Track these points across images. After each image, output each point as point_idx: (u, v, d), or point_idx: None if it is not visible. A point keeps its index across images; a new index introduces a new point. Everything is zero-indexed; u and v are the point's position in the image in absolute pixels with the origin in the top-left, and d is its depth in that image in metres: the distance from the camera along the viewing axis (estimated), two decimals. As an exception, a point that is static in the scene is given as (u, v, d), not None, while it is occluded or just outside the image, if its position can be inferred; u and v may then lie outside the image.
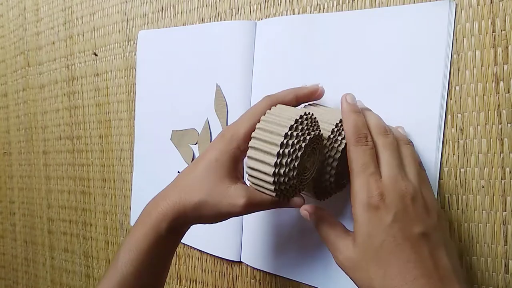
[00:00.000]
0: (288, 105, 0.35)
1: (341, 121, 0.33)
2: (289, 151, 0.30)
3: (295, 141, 0.30)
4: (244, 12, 0.46)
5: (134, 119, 0.57)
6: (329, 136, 0.33)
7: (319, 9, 0.41)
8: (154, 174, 0.55)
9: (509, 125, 0.32)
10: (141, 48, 0.56)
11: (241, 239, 0.46)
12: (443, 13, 0.34)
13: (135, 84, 0.57)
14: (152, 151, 0.55)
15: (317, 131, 0.32)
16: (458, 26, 0.33)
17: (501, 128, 0.32)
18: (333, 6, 0.40)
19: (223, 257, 0.48)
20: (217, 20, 0.49)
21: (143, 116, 0.56)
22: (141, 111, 0.56)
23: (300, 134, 0.30)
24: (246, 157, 0.32)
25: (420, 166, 0.32)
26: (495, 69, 0.32)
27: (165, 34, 0.53)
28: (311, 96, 0.37)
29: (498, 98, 0.32)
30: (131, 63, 0.58)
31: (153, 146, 0.55)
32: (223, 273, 0.49)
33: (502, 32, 0.32)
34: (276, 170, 0.30)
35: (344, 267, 0.30)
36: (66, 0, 0.66)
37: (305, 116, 0.31)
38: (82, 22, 0.64)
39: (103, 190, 0.63)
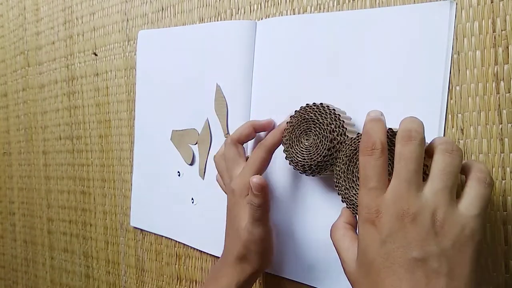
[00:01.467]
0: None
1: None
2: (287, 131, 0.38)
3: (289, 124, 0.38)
4: (244, 12, 0.46)
5: (134, 119, 0.57)
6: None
7: (319, 9, 0.41)
8: (154, 174, 0.55)
9: (509, 125, 0.32)
10: (141, 48, 0.56)
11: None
12: (443, 13, 0.34)
13: (135, 84, 0.57)
14: (152, 151, 0.55)
15: (312, 115, 0.36)
16: (458, 26, 0.33)
17: (501, 128, 0.32)
18: (333, 6, 0.40)
19: (223, 257, 0.48)
20: (217, 20, 0.49)
21: (143, 116, 0.56)
22: (141, 111, 0.56)
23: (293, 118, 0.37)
24: None
25: (466, 182, 0.27)
26: (495, 69, 0.32)
27: (165, 34, 0.53)
28: (266, 128, 0.42)
29: (499, 98, 0.32)
30: (131, 63, 0.58)
31: (153, 146, 0.55)
32: (223, 273, 0.49)
33: (503, 32, 0.32)
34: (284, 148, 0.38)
35: (349, 280, 0.30)
36: (66, 0, 0.66)
37: (305, 106, 0.37)
38: (82, 22, 0.64)
39: (103, 190, 0.63)
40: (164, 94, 0.53)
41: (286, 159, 0.38)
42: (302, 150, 0.36)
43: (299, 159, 0.36)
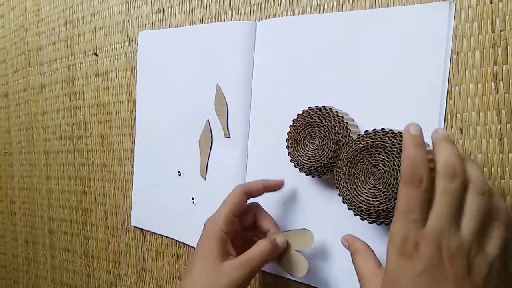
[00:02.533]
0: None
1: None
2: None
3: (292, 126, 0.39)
4: (244, 13, 0.47)
5: (134, 119, 0.58)
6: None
7: (319, 10, 0.41)
8: (155, 174, 0.55)
9: (508, 125, 0.32)
10: (141, 48, 0.56)
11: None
12: (442, 13, 0.34)
13: (136, 84, 0.57)
14: (153, 151, 0.55)
15: (316, 118, 0.36)
16: (457, 26, 0.34)
17: (500, 128, 0.32)
18: (333, 6, 0.40)
19: (223, 256, 0.48)
20: (218, 21, 0.49)
21: (143, 116, 0.56)
22: (142, 111, 0.56)
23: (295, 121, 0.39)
24: None
25: (490, 222, 0.28)
26: (494, 69, 0.32)
27: (165, 34, 0.53)
28: (276, 187, 0.41)
29: (498, 98, 0.32)
30: (131, 64, 0.58)
31: (153, 146, 0.55)
32: (223, 273, 0.49)
33: (502, 32, 0.32)
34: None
35: None
36: (67, 0, 0.66)
37: (309, 110, 0.37)
38: (83, 23, 0.64)
39: (104, 190, 0.63)
40: (165, 94, 0.53)
41: (291, 162, 0.38)
42: (308, 153, 0.37)
43: (305, 161, 0.37)
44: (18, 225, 0.80)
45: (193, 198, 0.50)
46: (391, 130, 0.31)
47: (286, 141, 0.39)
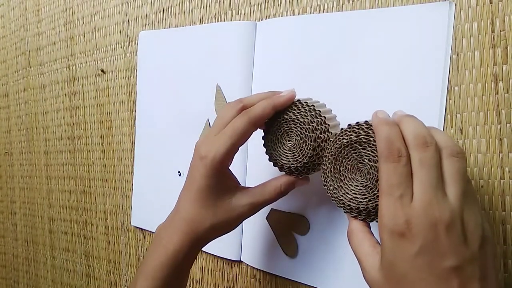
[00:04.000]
0: (266, 117, 0.35)
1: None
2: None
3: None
4: (245, 13, 0.47)
5: (135, 119, 0.58)
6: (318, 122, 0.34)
7: (319, 10, 0.41)
8: (155, 174, 0.55)
9: (508, 125, 0.32)
10: (142, 48, 0.56)
11: (241, 239, 0.46)
12: (442, 13, 0.34)
13: (136, 84, 0.57)
14: (153, 151, 0.55)
15: (291, 115, 0.34)
16: (457, 26, 0.34)
17: (500, 128, 0.32)
18: (333, 6, 0.40)
19: (223, 256, 0.48)
20: (218, 21, 0.49)
21: (143, 116, 0.56)
22: (142, 111, 0.56)
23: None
24: None
25: (468, 184, 0.27)
26: (494, 69, 0.32)
27: (166, 34, 0.53)
28: (288, 102, 0.35)
29: (497, 98, 0.32)
30: (132, 64, 0.58)
31: (153, 146, 0.55)
32: (223, 273, 0.49)
33: (501, 32, 0.32)
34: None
35: (369, 285, 0.29)
36: (67, 0, 0.66)
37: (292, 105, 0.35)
38: (83, 23, 0.64)
39: (104, 190, 0.63)
40: (165, 94, 0.53)
41: (270, 161, 0.37)
42: (286, 152, 0.35)
43: (284, 161, 0.35)
44: (18, 225, 0.81)
45: (193, 198, 0.50)
46: (366, 121, 0.30)
47: (262, 138, 0.37)
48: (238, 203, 0.36)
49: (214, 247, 0.49)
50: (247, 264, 0.46)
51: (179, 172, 0.52)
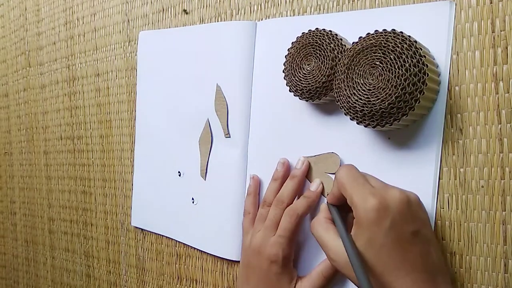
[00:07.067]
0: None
1: None
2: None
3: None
4: (245, 13, 0.47)
5: (134, 119, 0.58)
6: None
7: (319, 10, 0.41)
8: (155, 174, 0.55)
9: (508, 125, 0.32)
10: (141, 48, 0.56)
11: (241, 239, 0.46)
12: (442, 13, 0.34)
13: (136, 84, 0.57)
14: (153, 151, 0.55)
15: (310, 40, 0.37)
16: (457, 26, 0.34)
17: (500, 128, 0.32)
18: (333, 6, 0.40)
19: (223, 257, 0.48)
20: (218, 21, 0.49)
21: (143, 116, 0.56)
22: (142, 111, 0.56)
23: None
24: None
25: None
26: (494, 69, 0.32)
27: (165, 34, 0.53)
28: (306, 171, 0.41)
29: (498, 98, 0.32)
30: (131, 64, 0.58)
31: (153, 146, 0.55)
32: (223, 273, 0.49)
33: (502, 32, 0.32)
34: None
35: (337, 265, 0.32)
36: (67, 0, 0.66)
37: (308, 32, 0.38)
38: (83, 23, 0.64)
39: (104, 190, 0.63)
40: (165, 94, 0.53)
41: (290, 91, 0.39)
42: (305, 75, 0.37)
43: (304, 84, 0.37)
44: (18, 225, 0.80)
45: (193, 198, 0.50)
46: (384, 29, 0.32)
47: (283, 71, 0.39)
48: None
49: (214, 247, 0.49)
50: (247, 264, 0.46)
51: (179, 172, 0.52)
